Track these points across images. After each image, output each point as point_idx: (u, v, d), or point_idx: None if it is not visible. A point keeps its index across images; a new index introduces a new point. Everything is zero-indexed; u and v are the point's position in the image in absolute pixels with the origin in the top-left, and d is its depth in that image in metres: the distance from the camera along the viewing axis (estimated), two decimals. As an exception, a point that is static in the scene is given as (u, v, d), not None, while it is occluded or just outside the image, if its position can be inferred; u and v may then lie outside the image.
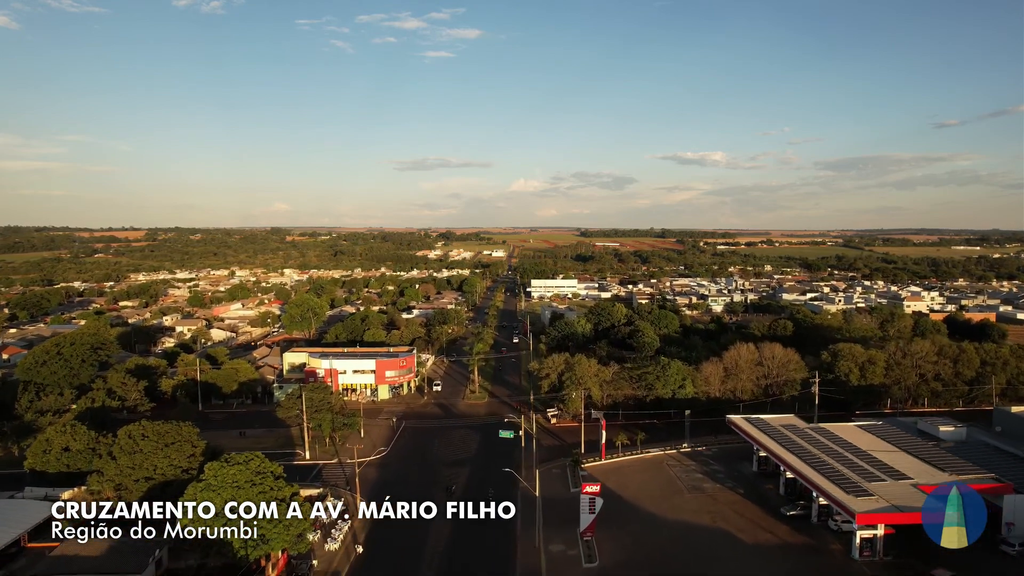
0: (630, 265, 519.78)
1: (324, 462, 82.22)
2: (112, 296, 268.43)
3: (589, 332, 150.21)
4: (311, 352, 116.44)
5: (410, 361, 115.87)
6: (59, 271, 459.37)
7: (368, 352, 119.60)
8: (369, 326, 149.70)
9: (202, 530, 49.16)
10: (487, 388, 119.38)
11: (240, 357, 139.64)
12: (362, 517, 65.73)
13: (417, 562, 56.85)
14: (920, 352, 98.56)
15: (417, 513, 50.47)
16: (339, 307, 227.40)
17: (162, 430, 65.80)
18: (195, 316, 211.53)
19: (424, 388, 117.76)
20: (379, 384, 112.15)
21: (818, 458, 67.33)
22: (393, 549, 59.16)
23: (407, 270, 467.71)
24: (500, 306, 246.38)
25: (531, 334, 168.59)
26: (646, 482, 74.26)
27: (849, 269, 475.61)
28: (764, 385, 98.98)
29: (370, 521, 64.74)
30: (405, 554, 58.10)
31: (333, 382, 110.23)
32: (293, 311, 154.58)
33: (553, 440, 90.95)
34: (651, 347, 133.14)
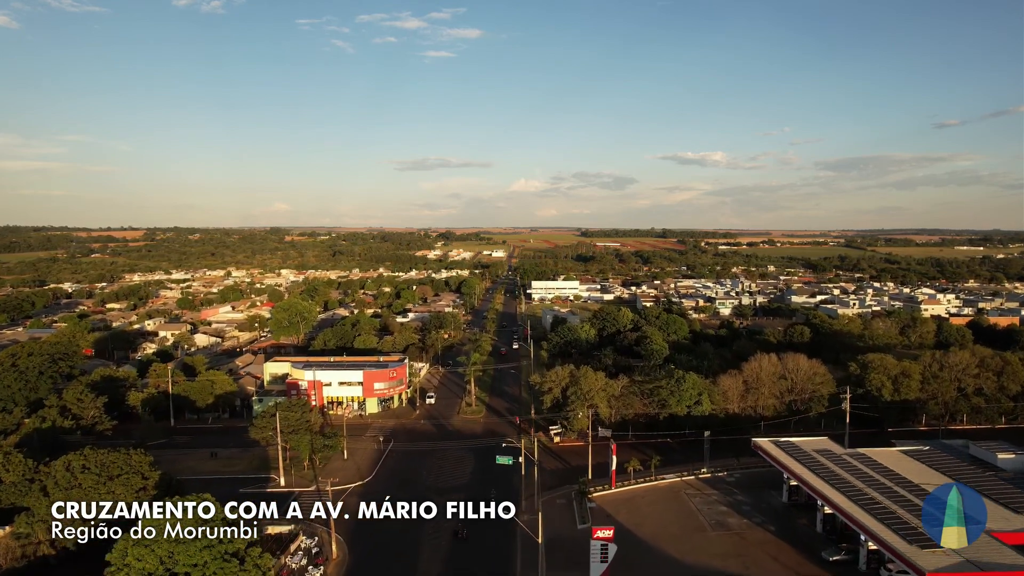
0: (631, 265, 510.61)
1: (300, 489, 72.97)
2: (100, 298, 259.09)
3: (593, 338, 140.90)
4: (294, 362, 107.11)
5: (401, 372, 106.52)
6: (53, 272, 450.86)
7: (356, 362, 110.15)
8: (360, 332, 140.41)
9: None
10: (484, 400, 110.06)
11: (223, 364, 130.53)
12: (338, 558, 57.24)
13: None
14: (959, 364, 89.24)
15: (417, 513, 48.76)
16: (333, 309, 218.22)
17: (107, 460, 56.55)
18: (183, 319, 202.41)
19: (416, 400, 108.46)
20: (367, 397, 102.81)
21: (862, 492, 58.07)
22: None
23: (406, 271, 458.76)
24: (499, 309, 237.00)
25: (532, 340, 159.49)
26: (663, 516, 64.97)
27: (853, 270, 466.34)
28: (788, 400, 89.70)
29: (346, 563, 56.26)
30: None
31: (317, 395, 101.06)
32: (280, 316, 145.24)
33: (556, 462, 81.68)
34: (660, 355, 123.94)
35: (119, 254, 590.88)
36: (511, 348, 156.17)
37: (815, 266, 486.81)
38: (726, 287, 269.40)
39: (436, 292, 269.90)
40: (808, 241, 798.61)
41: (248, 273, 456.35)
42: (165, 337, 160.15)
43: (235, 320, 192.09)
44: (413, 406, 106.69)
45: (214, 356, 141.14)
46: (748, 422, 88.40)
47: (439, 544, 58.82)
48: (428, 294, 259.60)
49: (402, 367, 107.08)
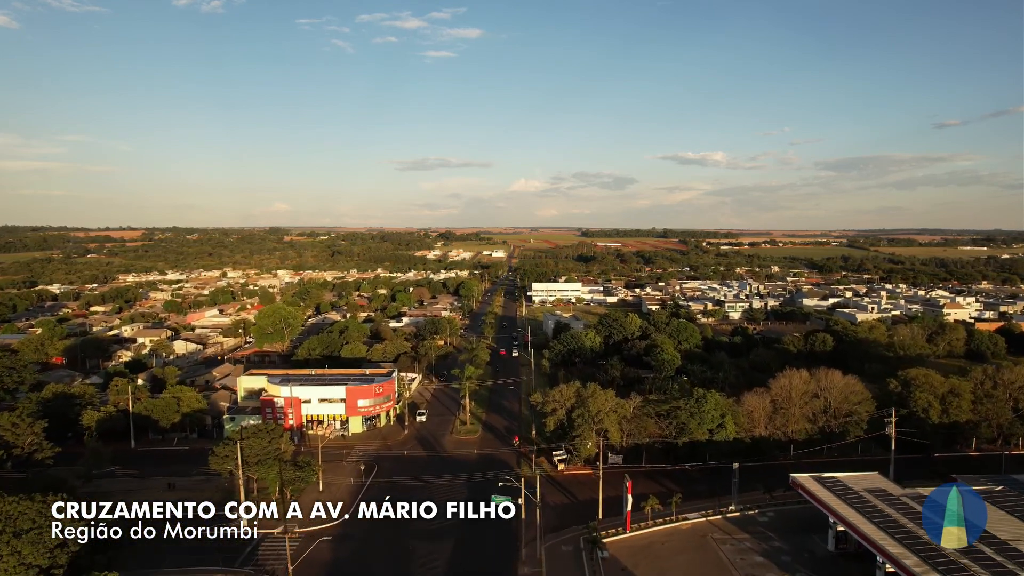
0: (633, 266, 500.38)
1: (265, 531, 62.28)
2: (86, 300, 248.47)
3: (599, 346, 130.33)
4: (271, 376, 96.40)
5: (388, 387, 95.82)
6: (47, 272, 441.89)
7: (339, 376, 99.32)
8: (349, 339, 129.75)
9: None
10: (480, 418, 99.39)
11: (200, 375, 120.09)
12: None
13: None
14: (1016, 381, 78.52)
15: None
16: (324, 313, 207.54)
17: (13, 511, 46.05)
18: (167, 324, 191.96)
19: (406, 418, 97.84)
20: (350, 416, 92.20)
21: (934, 549, 47.38)
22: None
23: (404, 271, 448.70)
24: (499, 312, 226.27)
25: (532, 348, 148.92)
26: (689, 569, 54.29)
27: (859, 270, 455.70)
28: (821, 423, 78.97)
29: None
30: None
31: (295, 413, 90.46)
32: (263, 322, 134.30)
33: (561, 495, 71.02)
34: (671, 365, 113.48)
35: (115, 254, 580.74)
36: (511, 356, 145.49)
37: (820, 267, 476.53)
38: (733, 289, 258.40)
39: (433, 294, 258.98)
40: (810, 241, 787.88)
41: (244, 274, 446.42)
42: (143, 344, 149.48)
43: (221, 324, 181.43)
44: (402, 424, 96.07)
45: (192, 366, 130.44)
46: (777, 447, 77.81)
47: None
48: (425, 296, 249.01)
49: (390, 381, 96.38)
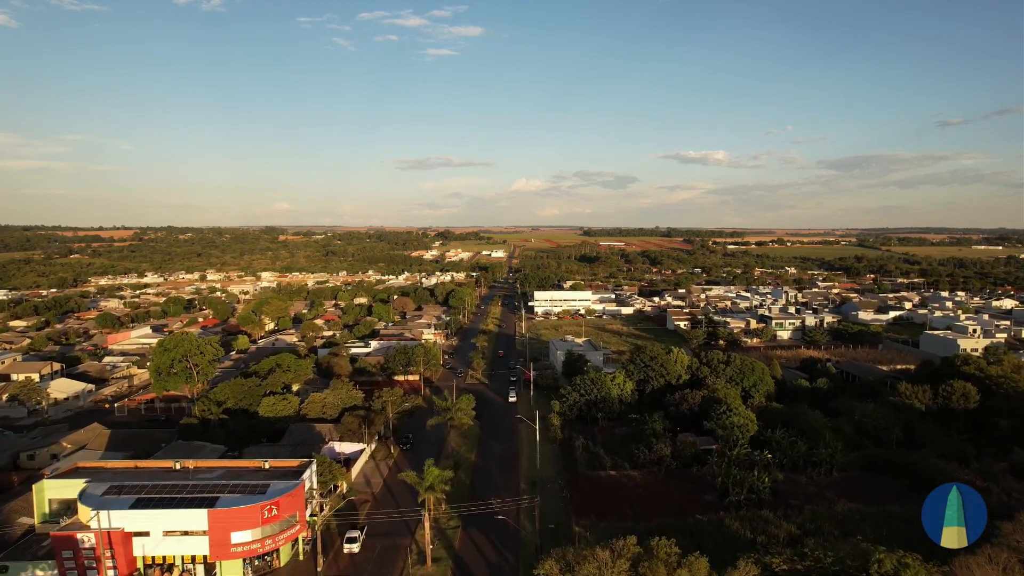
0: (638, 266, 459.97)
1: None
2: (14, 312, 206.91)
3: (629, 396, 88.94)
4: (88, 483, 54.59)
5: (292, 500, 54.06)
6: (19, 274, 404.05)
7: (205, 485, 55.76)
8: (273, 387, 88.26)
9: None
10: (453, 542, 58.06)
11: (46, 445, 79.05)
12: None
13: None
14: None
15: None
16: (281, 331, 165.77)
17: None
18: (85, 345, 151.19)
19: (329, 545, 56.46)
20: (218, 559, 50.82)
21: None
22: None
23: (398, 273, 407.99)
24: (494, 328, 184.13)
25: (536, 388, 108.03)
26: None
27: (880, 271, 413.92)
28: None
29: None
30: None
31: (122, 556, 49.12)
32: (161, 360, 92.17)
33: None
34: (744, 432, 72.48)
35: (99, 255, 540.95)
36: (506, 403, 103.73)
37: (840, 268, 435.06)
38: (767, 298, 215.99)
39: (419, 305, 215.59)
40: (817, 240, 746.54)
41: (226, 276, 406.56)
42: (16, 382, 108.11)
43: (145, 348, 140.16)
44: (317, 558, 54.37)
45: (44, 430, 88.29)
46: None
47: None
48: (409, 307, 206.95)
49: (293, 493, 54.41)
